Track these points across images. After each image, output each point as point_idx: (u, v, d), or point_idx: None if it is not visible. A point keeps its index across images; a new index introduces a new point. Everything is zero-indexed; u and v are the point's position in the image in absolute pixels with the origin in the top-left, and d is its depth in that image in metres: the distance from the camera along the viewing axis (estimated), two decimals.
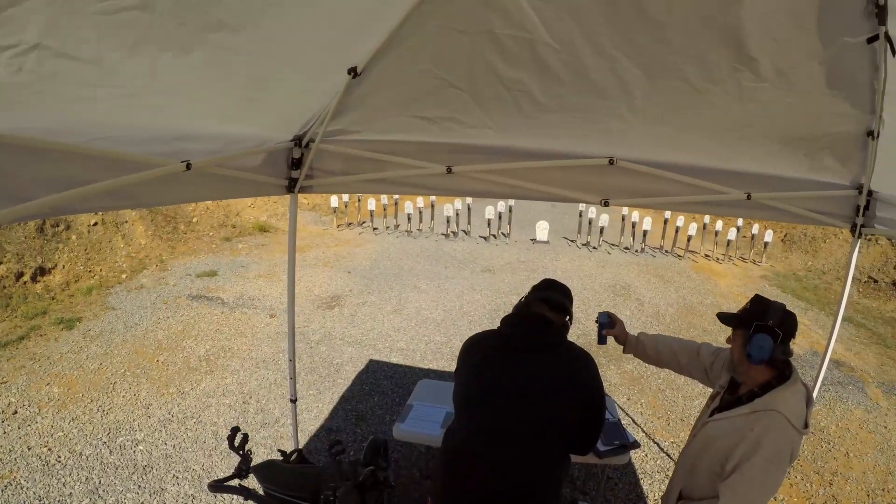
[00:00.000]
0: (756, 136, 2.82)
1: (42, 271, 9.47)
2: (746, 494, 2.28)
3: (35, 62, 1.54)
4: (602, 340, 3.38)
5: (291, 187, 3.62)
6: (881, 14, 2.05)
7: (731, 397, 2.64)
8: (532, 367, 2.50)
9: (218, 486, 2.89)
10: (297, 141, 3.42)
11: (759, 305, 2.54)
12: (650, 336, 3.32)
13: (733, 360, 2.63)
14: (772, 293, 11.80)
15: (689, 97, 2.51)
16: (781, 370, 2.48)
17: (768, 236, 14.27)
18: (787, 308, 2.50)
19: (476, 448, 2.57)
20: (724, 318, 2.66)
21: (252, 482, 3.11)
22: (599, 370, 2.64)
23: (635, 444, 3.98)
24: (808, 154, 3.04)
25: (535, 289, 2.78)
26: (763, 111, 2.58)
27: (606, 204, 3.56)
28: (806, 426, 2.35)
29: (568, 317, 2.72)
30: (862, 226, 3.55)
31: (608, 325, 3.36)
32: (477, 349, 2.70)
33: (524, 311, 2.69)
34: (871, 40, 2.18)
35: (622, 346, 3.36)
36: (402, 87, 2.82)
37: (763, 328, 2.43)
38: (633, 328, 8.87)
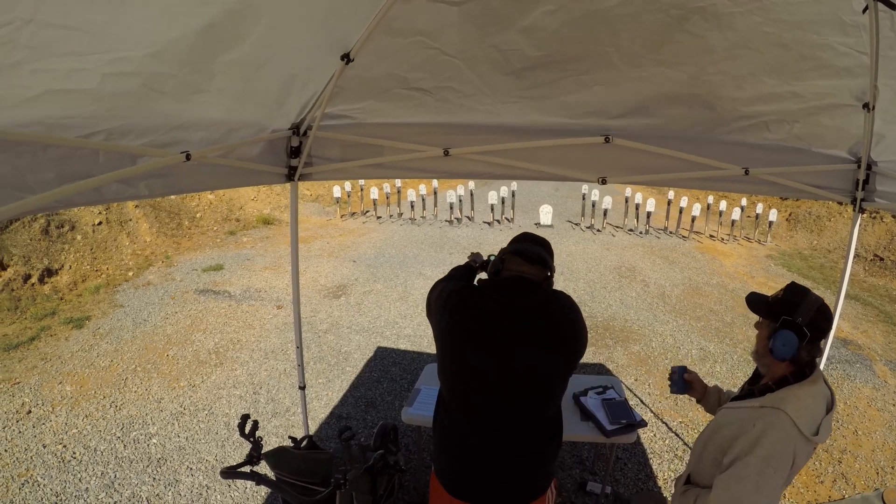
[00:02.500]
0: (742, 70, 2.72)
1: (49, 272, 9.52)
2: (739, 493, 2.14)
3: (30, 36, 1.56)
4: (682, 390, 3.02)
5: (291, 175, 3.64)
6: None
7: (750, 387, 2.53)
8: (520, 340, 2.37)
9: (230, 473, 2.92)
10: (295, 129, 3.44)
11: (793, 296, 2.35)
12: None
13: (757, 350, 2.48)
14: (777, 272, 11.80)
15: (671, 30, 2.42)
16: (802, 367, 2.33)
17: (773, 215, 14.24)
18: (823, 304, 2.31)
19: (469, 428, 2.54)
20: (753, 302, 2.51)
21: (264, 468, 3.15)
22: (606, 352, 2.59)
23: (642, 423, 3.99)
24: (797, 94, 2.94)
25: (511, 243, 2.60)
26: (744, 41, 2.48)
27: (604, 182, 3.56)
28: (817, 433, 2.19)
29: (549, 272, 2.52)
30: (862, 200, 3.54)
31: (682, 384, 3.00)
32: (458, 321, 2.49)
33: (503, 280, 2.47)
34: (865, 9, 2.15)
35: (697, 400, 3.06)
36: (395, 61, 2.77)
37: (790, 324, 2.26)
38: (638, 309, 8.95)
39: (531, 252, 2.47)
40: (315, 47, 2.61)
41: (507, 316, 2.37)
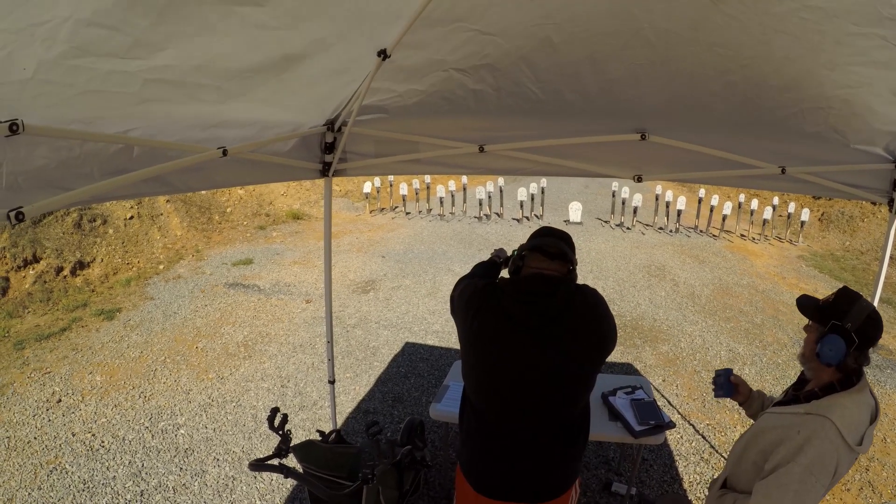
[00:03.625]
0: (778, 54, 2.66)
1: (81, 265, 9.68)
2: (779, 500, 2.09)
3: (69, 32, 1.58)
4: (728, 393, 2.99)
5: (325, 171, 3.66)
6: None
7: (795, 393, 2.48)
8: (545, 340, 2.34)
9: (258, 466, 2.94)
10: (330, 125, 3.46)
11: (843, 301, 2.32)
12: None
13: (804, 354, 2.45)
14: (809, 273, 11.63)
15: (706, 10, 2.40)
16: (849, 375, 2.29)
17: (805, 215, 14.01)
18: (875, 311, 2.30)
19: (495, 427, 2.53)
20: (802, 305, 2.47)
21: (291, 461, 3.16)
22: (635, 351, 2.54)
23: (671, 425, 3.96)
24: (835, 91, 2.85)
25: (530, 238, 2.58)
26: (780, 24, 2.42)
27: (640, 179, 3.53)
28: (861, 443, 2.15)
29: (570, 265, 2.47)
30: None
31: (728, 387, 2.99)
32: (481, 321, 2.44)
33: (522, 279, 2.46)
34: None
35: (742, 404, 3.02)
36: (433, 48, 2.74)
37: (839, 329, 2.24)
38: (668, 308, 8.86)
39: (550, 247, 2.45)
40: (353, 48, 2.60)
41: (529, 316, 2.34)
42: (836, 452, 2.10)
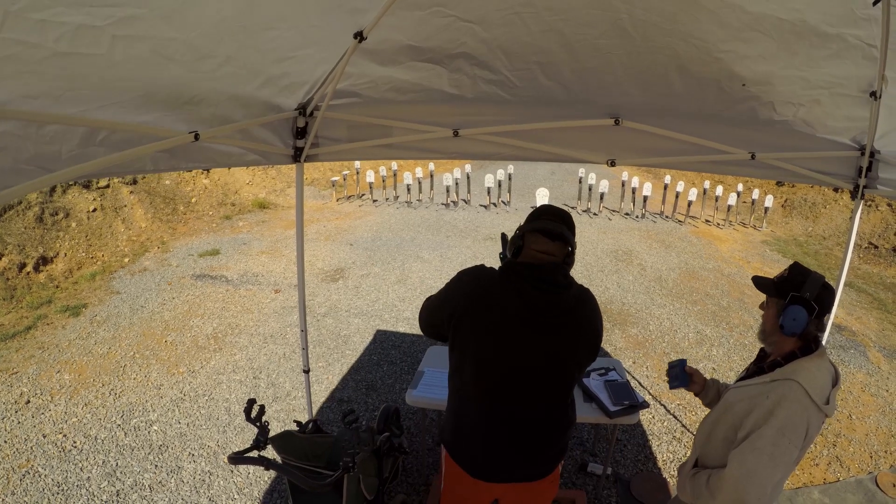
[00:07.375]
0: (752, 52, 2.67)
1: (44, 260, 9.45)
2: (755, 465, 2.15)
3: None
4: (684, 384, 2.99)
5: (297, 156, 3.61)
6: None
7: (756, 367, 2.58)
8: (547, 337, 2.40)
9: (238, 459, 2.91)
10: (302, 109, 3.41)
11: (797, 274, 2.43)
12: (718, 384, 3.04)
13: (765, 329, 2.54)
14: (773, 258, 11.83)
15: (685, 4, 2.41)
16: (808, 342, 2.39)
17: (768, 201, 14.22)
18: (826, 281, 2.40)
19: (491, 415, 2.55)
20: (759, 283, 2.57)
21: (269, 453, 3.14)
22: (605, 335, 2.57)
23: (644, 404, 4.04)
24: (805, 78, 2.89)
25: (529, 219, 2.56)
26: (756, 23, 2.43)
27: (613, 164, 3.56)
28: (828, 402, 2.24)
29: (570, 248, 2.51)
30: (864, 186, 3.59)
31: (683, 378, 2.98)
32: (486, 307, 2.42)
33: (526, 272, 2.43)
34: (876, 2, 2.16)
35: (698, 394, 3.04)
36: (409, 32, 2.74)
37: (799, 300, 2.33)
38: (636, 292, 8.96)
39: (552, 230, 2.46)
40: (327, 23, 2.57)
41: (531, 311, 2.39)
42: (806, 412, 2.19)
